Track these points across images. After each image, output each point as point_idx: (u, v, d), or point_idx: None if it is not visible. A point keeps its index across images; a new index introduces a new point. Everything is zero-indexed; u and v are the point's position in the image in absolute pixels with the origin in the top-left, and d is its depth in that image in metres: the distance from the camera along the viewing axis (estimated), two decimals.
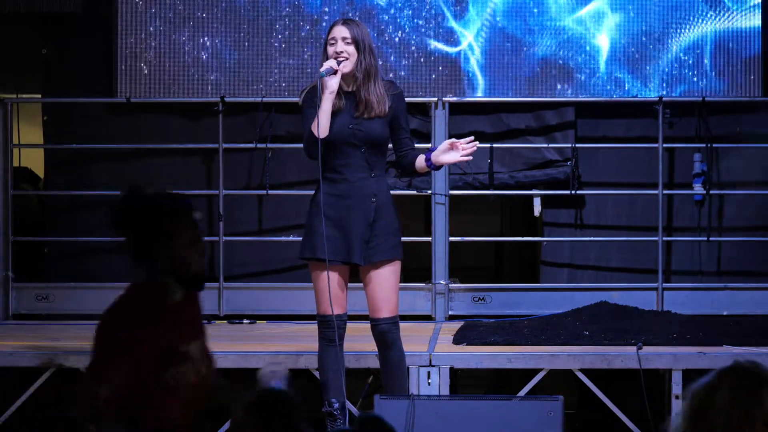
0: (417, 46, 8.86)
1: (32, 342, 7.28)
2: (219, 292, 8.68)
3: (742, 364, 3.19)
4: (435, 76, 8.87)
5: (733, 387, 3.13)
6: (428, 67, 8.88)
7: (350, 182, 5.73)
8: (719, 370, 3.19)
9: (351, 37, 5.72)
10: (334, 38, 5.73)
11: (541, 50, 8.84)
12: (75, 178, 8.97)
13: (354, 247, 5.71)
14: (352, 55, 5.71)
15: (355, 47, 5.72)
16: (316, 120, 5.62)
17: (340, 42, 5.72)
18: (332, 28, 5.78)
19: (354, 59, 5.71)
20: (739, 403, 3.11)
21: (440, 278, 8.55)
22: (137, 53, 8.92)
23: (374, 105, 5.70)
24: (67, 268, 8.93)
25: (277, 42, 8.91)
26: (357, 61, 5.71)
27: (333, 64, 5.66)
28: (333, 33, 5.75)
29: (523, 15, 8.83)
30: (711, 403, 3.12)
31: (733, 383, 3.14)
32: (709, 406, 3.12)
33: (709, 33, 8.83)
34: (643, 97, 8.76)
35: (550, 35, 8.84)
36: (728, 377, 3.16)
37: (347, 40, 5.72)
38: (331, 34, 5.76)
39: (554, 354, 6.68)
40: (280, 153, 8.78)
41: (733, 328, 7.62)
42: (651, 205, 8.64)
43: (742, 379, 3.15)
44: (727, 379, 3.15)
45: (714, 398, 3.13)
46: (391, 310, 5.78)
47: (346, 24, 5.77)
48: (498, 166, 8.78)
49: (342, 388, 5.85)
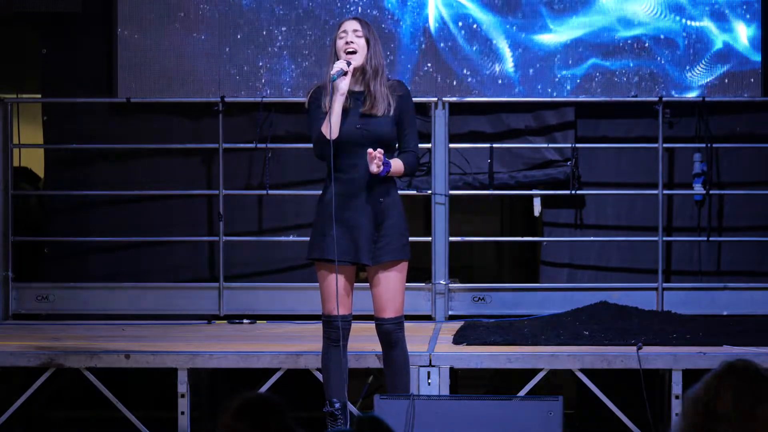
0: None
1: (32, 342, 7.28)
2: (219, 292, 8.68)
3: (735, 365, 3.17)
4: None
5: (736, 389, 3.11)
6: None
7: (358, 182, 5.72)
8: (713, 375, 3.16)
9: (362, 31, 5.73)
10: (345, 31, 5.73)
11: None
12: (75, 178, 8.97)
13: (362, 247, 5.71)
14: (362, 48, 5.72)
15: (366, 41, 5.73)
16: (327, 122, 5.62)
17: (351, 34, 5.72)
18: (342, 23, 5.79)
19: (364, 53, 5.72)
20: (744, 404, 3.09)
21: (440, 278, 8.55)
22: (137, 53, 8.92)
23: (380, 101, 5.70)
24: (67, 268, 8.93)
25: (278, 42, 8.91)
26: (367, 56, 5.72)
27: (343, 65, 5.65)
28: (344, 26, 5.76)
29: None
30: (715, 408, 3.10)
31: (735, 386, 3.12)
32: (714, 412, 3.10)
33: (709, 32, 8.83)
34: (643, 97, 8.76)
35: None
36: (728, 380, 3.13)
37: (358, 33, 5.73)
38: (341, 28, 5.76)
39: (554, 354, 6.68)
40: (280, 153, 8.78)
41: (733, 328, 7.62)
42: (651, 205, 8.64)
43: (742, 379, 3.13)
44: (728, 382, 3.13)
45: (717, 403, 3.11)
46: (397, 310, 5.78)
47: (357, 19, 5.80)
48: (498, 166, 8.78)
49: (344, 389, 5.85)
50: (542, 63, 8.86)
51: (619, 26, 8.86)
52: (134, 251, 8.97)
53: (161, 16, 8.93)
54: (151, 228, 8.90)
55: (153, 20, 8.93)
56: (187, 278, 8.87)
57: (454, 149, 8.66)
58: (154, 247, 8.93)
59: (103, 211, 8.97)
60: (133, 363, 6.75)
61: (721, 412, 3.09)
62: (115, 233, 8.92)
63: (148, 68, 8.93)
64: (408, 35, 8.89)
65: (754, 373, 3.14)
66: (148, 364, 6.76)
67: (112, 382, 6.92)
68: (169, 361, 6.74)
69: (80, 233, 8.92)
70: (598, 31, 8.87)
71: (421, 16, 8.89)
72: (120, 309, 8.68)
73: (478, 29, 8.87)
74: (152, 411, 7.52)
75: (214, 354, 6.78)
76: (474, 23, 8.87)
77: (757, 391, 3.11)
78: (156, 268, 8.91)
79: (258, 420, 3.28)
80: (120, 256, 8.99)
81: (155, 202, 8.94)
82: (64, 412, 8.43)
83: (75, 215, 9.00)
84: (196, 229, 8.92)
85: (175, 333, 8.00)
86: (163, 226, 8.90)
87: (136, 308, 8.67)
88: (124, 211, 8.95)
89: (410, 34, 8.89)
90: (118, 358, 6.75)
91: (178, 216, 8.94)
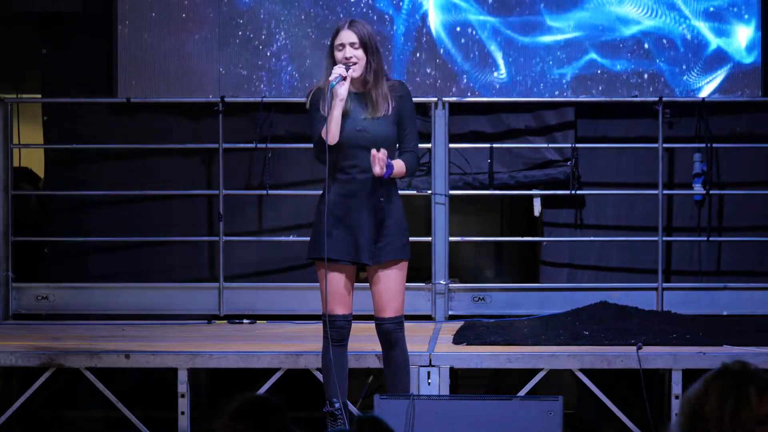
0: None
1: (32, 342, 7.28)
2: (219, 292, 8.68)
3: (729, 367, 3.16)
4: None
5: (721, 391, 3.11)
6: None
7: (359, 182, 5.72)
8: (707, 376, 3.16)
9: (359, 41, 5.67)
10: (342, 44, 5.68)
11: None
12: (75, 178, 8.97)
13: (362, 247, 5.71)
14: (360, 59, 5.67)
15: (363, 50, 5.68)
16: (326, 127, 5.61)
17: (349, 48, 5.67)
18: (338, 33, 5.71)
19: (363, 63, 5.68)
20: (727, 407, 3.09)
21: (440, 278, 8.55)
22: (137, 53, 8.92)
23: (380, 105, 5.70)
24: (67, 268, 8.93)
25: (278, 42, 8.91)
26: (366, 64, 5.68)
27: (341, 71, 5.63)
28: (340, 38, 5.69)
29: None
30: (701, 411, 3.10)
31: (720, 388, 3.12)
32: (701, 415, 3.10)
33: (709, 33, 8.83)
34: (643, 97, 8.76)
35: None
36: (715, 382, 3.13)
37: (355, 45, 5.67)
38: (337, 39, 5.70)
39: (554, 354, 6.68)
40: (280, 153, 8.78)
41: (733, 328, 7.62)
42: (651, 205, 8.64)
43: (727, 382, 3.12)
44: (714, 384, 3.13)
45: (704, 406, 3.11)
46: (397, 310, 5.79)
47: (352, 27, 5.70)
48: (498, 166, 8.78)
49: (344, 388, 5.85)
50: (542, 63, 8.86)
51: (619, 26, 8.86)
52: (134, 251, 8.97)
53: (161, 15, 8.93)
54: (151, 228, 8.90)
55: (153, 20, 8.93)
56: (187, 278, 8.87)
57: (454, 149, 8.66)
58: (154, 247, 8.93)
59: (103, 211, 8.97)
60: (133, 363, 6.75)
61: (707, 413, 3.09)
62: (115, 233, 8.92)
63: (148, 68, 8.93)
64: (405, 36, 8.89)
65: (742, 374, 3.14)
66: (148, 364, 6.76)
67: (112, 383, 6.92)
68: (169, 361, 6.74)
69: (80, 233, 8.92)
70: (598, 32, 8.87)
71: (418, 17, 8.89)
72: (120, 309, 8.68)
73: (477, 29, 8.87)
74: (152, 411, 7.52)
75: (214, 354, 6.78)
76: (473, 23, 8.87)
77: (741, 392, 3.10)
78: (156, 268, 8.91)
79: (256, 420, 3.29)
80: (120, 256, 8.99)
81: (155, 202, 8.94)
82: (64, 412, 8.43)
83: (75, 215, 9.00)
84: (196, 229, 8.92)
85: (175, 333, 8.00)
86: (163, 226, 8.90)
87: (136, 308, 8.67)
88: (124, 211, 8.95)
89: (408, 35, 8.89)
90: (118, 358, 6.75)
91: (178, 216, 8.94)
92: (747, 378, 3.12)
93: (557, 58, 8.87)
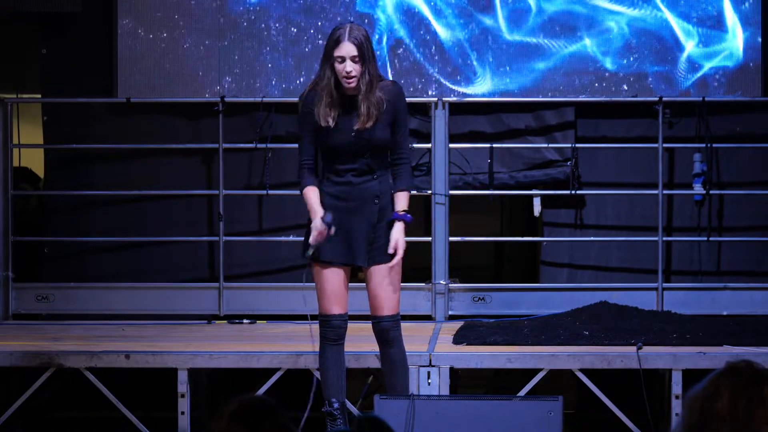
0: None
1: (32, 342, 7.28)
2: (219, 292, 8.68)
3: (737, 365, 3.17)
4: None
5: (733, 390, 3.11)
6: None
7: (353, 185, 5.72)
8: (715, 375, 3.16)
9: (359, 55, 5.65)
10: (342, 57, 5.64)
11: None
12: (75, 178, 8.97)
13: (357, 249, 5.71)
14: (359, 72, 5.66)
15: (361, 62, 5.66)
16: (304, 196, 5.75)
17: (349, 62, 5.62)
18: (339, 44, 5.63)
19: (359, 75, 5.66)
20: (741, 406, 3.09)
21: (440, 278, 8.55)
22: (137, 53, 8.92)
23: (373, 112, 5.68)
24: (67, 268, 8.93)
25: (278, 42, 8.90)
26: (361, 75, 5.65)
27: (323, 229, 5.63)
28: (340, 50, 5.63)
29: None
30: (712, 409, 3.10)
31: (732, 386, 3.11)
32: (711, 413, 3.10)
33: (709, 33, 8.83)
34: (643, 97, 8.76)
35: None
36: (726, 381, 3.13)
37: (356, 59, 5.65)
38: (338, 50, 5.63)
39: (554, 354, 6.68)
40: (280, 153, 8.77)
41: (733, 328, 7.62)
42: (651, 205, 8.64)
43: (740, 380, 3.12)
44: (726, 382, 3.12)
45: (715, 404, 3.10)
46: (393, 308, 5.79)
47: (352, 39, 5.63)
48: (498, 166, 8.78)
49: (342, 388, 5.85)
50: (542, 63, 8.87)
51: (620, 26, 8.86)
52: (134, 251, 8.96)
53: (161, 15, 8.93)
54: (151, 228, 8.90)
55: (153, 20, 8.93)
56: (187, 278, 8.87)
57: (454, 149, 8.66)
58: (154, 247, 8.93)
59: (103, 211, 8.97)
60: (133, 363, 6.75)
61: (719, 412, 3.09)
62: (115, 233, 8.92)
63: (148, 68, 8.93)
64: (406, 36, 8.89)
65: (754, 373, 3.14)
66: (148, 364, 6.76)
67: (112, 382, 6.92)
68: (169, 361, 6.74)
69: (80, 233, 8.92)
70: (598, 32, 8.87)
71: (416, 18, 8.89)
72: (120, 309, 8.68)
73: (475, 31, 8.87)
74: (152, 411, 7.52)
75: (214, 354, 6.78)
76: (472, 24, 8.87)
77: (755, 391, 3.10)
78: (156, 268, 8.91)
79: (253, 422, 3.28)
80: (120, 256, 8.99)
81: (155, 202, 8.94)
82: (64, 412, 8.43)
83: (75, 215, 9.00)
84: (196, 229, 8.92)
85: (175, 333, 8.00)
86: (163, 226, 8.90)
87: (136, 308, 8.67)
88: (124, 211, 8.95)
89: (410, 35, 8.89)
90: (118, 358, 6.75)
91: (178, 216, 8.94)
92: (759, 377, 3.12)
93: (557, 58, 8.86)
